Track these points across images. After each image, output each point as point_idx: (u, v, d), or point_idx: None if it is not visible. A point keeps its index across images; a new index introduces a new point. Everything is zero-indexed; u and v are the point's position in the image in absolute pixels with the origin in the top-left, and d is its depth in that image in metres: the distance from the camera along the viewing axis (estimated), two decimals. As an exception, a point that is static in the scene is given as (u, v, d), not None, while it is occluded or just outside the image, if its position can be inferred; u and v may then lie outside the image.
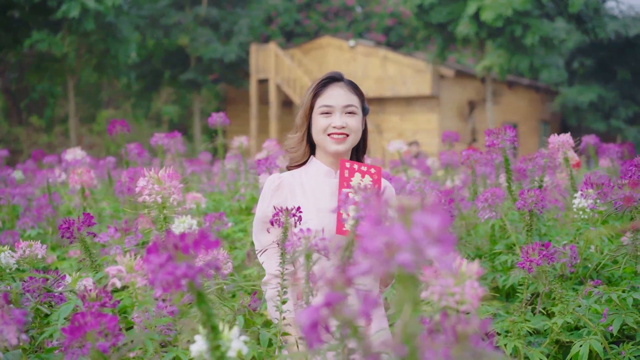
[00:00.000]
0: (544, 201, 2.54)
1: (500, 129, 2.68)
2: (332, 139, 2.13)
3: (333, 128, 2.12)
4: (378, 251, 0.90)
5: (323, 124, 2.13)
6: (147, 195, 1.76)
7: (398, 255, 0.88)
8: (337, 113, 2.13)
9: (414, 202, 0.93)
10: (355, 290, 0.95)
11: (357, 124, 2.15)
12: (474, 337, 1.05)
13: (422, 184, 3.25)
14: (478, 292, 1.35)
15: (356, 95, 2.19)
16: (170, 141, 4.14)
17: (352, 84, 2.21)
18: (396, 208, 0.91)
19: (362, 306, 0.93)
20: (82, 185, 3.47)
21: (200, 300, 1.15)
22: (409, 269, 0.89)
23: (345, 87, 2.18)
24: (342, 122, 2.12)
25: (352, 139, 2.15)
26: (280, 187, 2.14)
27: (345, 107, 2.14)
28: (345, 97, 2.15)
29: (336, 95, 2.15)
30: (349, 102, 2.15)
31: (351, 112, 2.15)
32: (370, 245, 0.90)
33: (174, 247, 1.11)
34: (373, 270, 0.92)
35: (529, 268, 2.21)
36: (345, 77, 2.24)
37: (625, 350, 2.18)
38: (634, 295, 2.22)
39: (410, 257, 0.88)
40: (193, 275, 1.10)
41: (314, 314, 0.92)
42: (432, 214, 0.91)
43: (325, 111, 2.14)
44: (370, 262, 0.90)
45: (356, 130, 2.15)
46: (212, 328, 1.17)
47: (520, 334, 2.41)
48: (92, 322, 1.38)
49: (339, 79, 2.19)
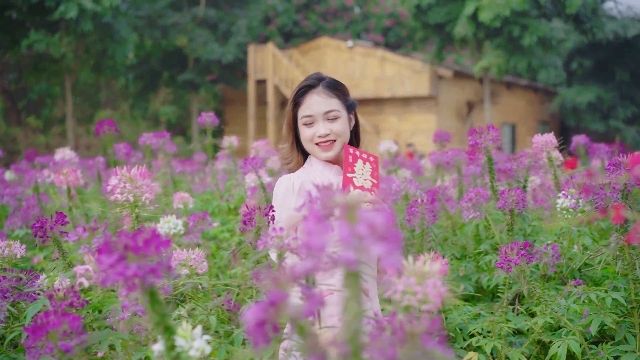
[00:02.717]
0: (524, 201, 2.53)
1: (483, 129, 2.67)
2: (320, 147, 2.12)
3: (318, 137, 2.10)
4: (322, 248, 0.89)
5: (308, 134, 2.12)
6: (119, 194, 1.76)
7: (341, 252, 0.88)
8: (319, 121, 2.10)
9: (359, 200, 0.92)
10: (302, 288, 0.94)
11: (341, 127, 2.12)
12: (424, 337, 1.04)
13: (408, 184, 3.24)
14: (441, 291, 1.34)
15: (336, 97, 2.14)
16: (158, 141, 4.13)
17: (330, 85, 2.15)
18: (341, 205, 0.91)
19: (307, 304, 0.92)
20: (68, 185, 3.46)
21: (152, 300, 1.14)
22: (353, 267, 0.88)
23: (323, 92, 2.12)
24: (326, 129, 2.09)
25: (340, 142, 2.13)
26: (302, 188, 2.09)
27: (326, 114, 2.10)
28: (324, 104, 2.11)
29: (315, 103, 2.11)
30: (328, 107, 2.11)
31: (333, 117, 2.11)
32: (314, 242, 0.89)
33: (125, 247, 1.10)
34: (316, 268, 0.91)
35: (508, 268, 2.20)
36: (324, 77, 2.18)
37: (603, 351, 2.17)
38: (613, 295, 2.21)
39: (354, 254, 0.88)
40: (144, 275, 1.09)
41: (259, 313, 0.91)
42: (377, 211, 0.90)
43: (307, 122, 2.12)
44: (314, 259, 0.90)
45: (342, 134, 2.12)
46: (166, 328, 1.16)
47: (500, 334, 2.40)
48: (55, 321, 1.37)
49: (316, 85, 2.14)
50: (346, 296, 0.91)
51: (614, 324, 2.21)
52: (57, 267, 1.85)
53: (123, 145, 4.33)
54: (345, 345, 0.89)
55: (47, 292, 1.60)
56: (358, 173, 1.97)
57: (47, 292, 1.59)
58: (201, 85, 21.00)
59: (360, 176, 1.97)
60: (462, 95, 20.68)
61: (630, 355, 2.13)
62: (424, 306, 1.34)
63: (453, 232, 3.39)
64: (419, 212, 2.73)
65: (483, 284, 2.94)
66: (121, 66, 18.31)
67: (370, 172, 2.00)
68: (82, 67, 17.72)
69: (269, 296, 0.92)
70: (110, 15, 16.06)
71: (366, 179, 1.97)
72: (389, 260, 0.89)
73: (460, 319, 2.55)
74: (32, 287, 1.90)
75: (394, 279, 1.34)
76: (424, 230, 2.75)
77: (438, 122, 19.38)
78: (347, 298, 0.91)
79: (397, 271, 1.31)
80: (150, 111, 22.87)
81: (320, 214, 0.92)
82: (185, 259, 1.86)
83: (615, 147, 4.67)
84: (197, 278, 2.01)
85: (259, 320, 0.91)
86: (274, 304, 0.92)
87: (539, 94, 24.47)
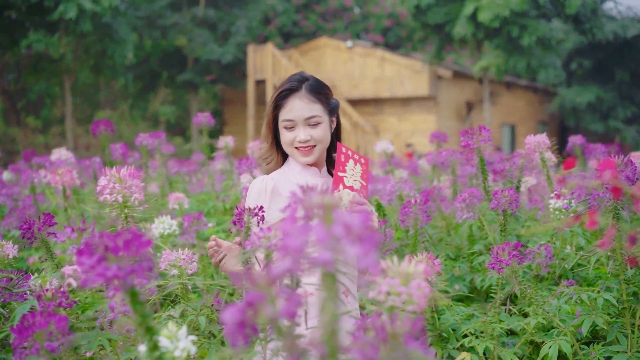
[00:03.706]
0: (517, 201, 2.54)
1: (475, 130, 2.67)
2: (300, 152, 2.11)
3: (298, 142, 2.09)
4: (298, 249, 0.89)
5: (288, 137, 2.10)
6: (108, 194, 1.76)
7: (318, 253, 0.88)
8: (300, 126, 2.09)
9: (336, 200, 0.92)
10: (281, 289, 0.94)
11: (322, 133, 2.10)
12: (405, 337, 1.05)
13: (402, 185, 3.24)
14: (425, 291, 1.34)
15: (318, 101, 2.11)
16: (154, 141, 4.13)
17: (313, 90, 2.11)
18: (318, 206, 0.91)
19: (286, 305, 0.92)
20: (63, 185, 3.46)
21: (134, 300, 1.14)
22: (329, 268, 0.89)
23: (305, 97, 2.10)
24: (306, 135, 2.08)
25: (320, 148, 2.12)
26: (275, 189, 2.10)
27: (307, 120, 2.09)
28: (306, 109, 2.09)
29: (296, 108, 2.09)
30: (310, 113, 2.09)
31: (315, 123, 2.10)
32: (291, 243, 0.89)
33: (105, 248, 1.10)
34: (294, 268, 0.91)
35: (499, 268, 2.20)
36: (308, 78, 2.15)
37: (595, 351, 2.17)
38: (605, 296, 2.21)
39: (330, 255, 0.88)
40: (124, 276, 1.09)
41: (237, 314, 0.91)
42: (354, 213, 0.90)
43: (288, 125, 2.10)
44: (291, 260, 0.90)
45: (322, 139, 2.11)
46: (148, 329, 1.16)
47: (493, 334, 2.40)
48: (41, 322, 1.37)
49: (298, 89, 2.11)
50: (323, 297, 0.91)
51: (605, 325, 2.21)
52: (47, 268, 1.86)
53: (119, 146, 4.34)
54: (322, 346, 0.89)
55: (36, 293, 1.60)
56: (349, 173, 1.97)
57: (36, 293, 1.59)
58: (200, 85, 21.01)
59: (350, 176, 1.97)
60: (461, 96, 20.68)
61: (622, 356, 2.13)
62: (408, 307, 1.34)
63: (448, 232, 3.39)
64: (412, 212, 2.73)
65: (477, 284, 2.94)
66: (120, 66, 18.31)
67: (361, 174, 2.00)
68: (81, 67, 17.72)
69: (247, 297, 0.92)
70: (110, 15, 16.06)
71: (356, 180, 1.98)
72: (366, 261, 0.89)
73: (453, 320, 2.55)
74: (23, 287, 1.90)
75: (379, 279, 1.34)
76: (417, 230, 2.75)
77: (437, 123, 19.38)
78: (325, 299, 0.91)
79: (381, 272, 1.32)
80: (150, 111, 22.89)
81: (298, 215, 0.92)
82: (174, 260, 1.87)
83: (612, 148, 4.67)
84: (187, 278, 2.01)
85: (236, 321, 0.91)
86: (252, 305, 0.92)
87: (539, 94, 24.47)
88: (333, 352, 0.89)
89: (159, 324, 1.69)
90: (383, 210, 3.02)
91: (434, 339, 2.55)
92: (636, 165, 2.16)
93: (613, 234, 1.15)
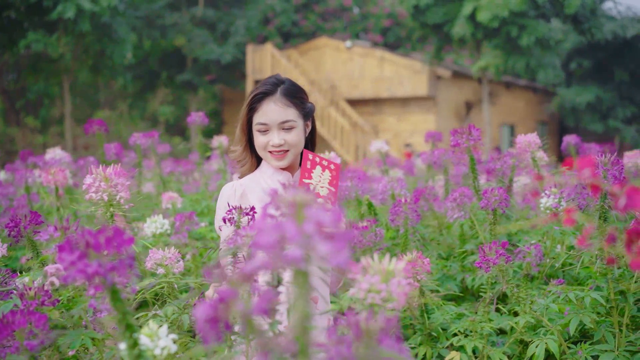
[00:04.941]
0: (507, 200, 2.54)
1: (465, 129, 2.67)
2: (273, 156, 2.10)
3: (272, 146, 2.09)
4: (270, 246, 0.89)
5: (262, 141, 2.10)
6: (94, 192, 1.76)
7: (288, 250, 0.88)
8: (274, 131, 2.09)
9: (308, 198, 0.92)
10: (253, 286, 0.94)
11: (296, 137, 2.10)
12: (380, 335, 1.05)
13: (394, 184, 3.24)
14: (405, 289, 1.34)
15: (293, 105, 2.11)
16: (147, 140, 4.13)
17: (288, 93, 2.11)
18: (289, 203, 0.91)
19: (258, 302, 0.92)
20: (55, 184, 3.46)
21: (114, 298, 1.15)
22: (299, 265, 0.89)
23: (279, 101, 2.09)
24: (280, 139, 2.08)
25: (293, 152, 2.12)
26: (244, 194, 2.11)
27: (281, 124, 2.09)
28: (280, 113, 2.08)
29: (271, 112, 2.08)
30: (284, 118, 2.08)
31: (288, 128, 2.09)
32: (263, 240, 0.89)
33: (86, 245, 1.10)
34: (266, 265, 0.91)
35: (487, 268, 2.20)
36: (284, 81, 2.14)
37: (582, 350, 2.17)
38: (592, 295, 2.21)
39: (301, 252, 0.88)
40: (104, 274, 1.09)
41: (209, 310, 0.91)
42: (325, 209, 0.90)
43: (261, 129, 2.10)
44: (263, 257, 0.90)
45: (296, 144, 2.11)
46: (127, 326, 1.16)
47: (482, 333, 2.40)
48: (21, 320, 1.38)
49: (273, 92, 2.11)
50: (295, 295, 0.91)
51: (593, 324, 2.21)
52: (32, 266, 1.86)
53: (114, 145, 4.34)
54: (292, 344, 0.89)
55: (18, 291, 1.61)
56: (315, 179, 1.97)
57: (18, 292, 1.59)
58: (200, 85, 21.01)
59: (317, 183, 1.97)
60: (460, 96, 20.68)
61: (609, 355, 2.13)
62: (388, 304, 1.34)
63: (440, 232, 3.39)
64: (403, 211, 2.73)
65: (468, 283, 2.95)
66: (119, 66, 18.31)
67: (329, 180, 2.00)
68: (80, 67, 17.72)
69: (218, 293, 0.92)
70: (109, 15, 16.06)
71: (323, 186, 1.98)
72: (337, 259, 0.89)
73: (443, 319, 2.55)
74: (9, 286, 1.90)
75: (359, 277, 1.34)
76: (407, 229, 2.75)
77: (437, 123, 19.38)
78: (296, 296, 0.91)
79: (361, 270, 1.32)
80: (149, 111, 22.89)
81: (269, 213, 0.93)
82: (160, 259, 1.87)
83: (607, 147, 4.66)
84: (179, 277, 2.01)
85: (208, 317, 0.92)
86: (224, 301, 0.92)
87: (538, 94, 24.46)
88: (304, 349, 0.89)
89: (143, 323, 1.69)
90: (374, 209, 3.02)
91: (423, 338, 2.55)
92: (623, 164, 2.16)
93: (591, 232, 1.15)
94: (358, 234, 2.70)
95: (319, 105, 18.37)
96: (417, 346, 2.54)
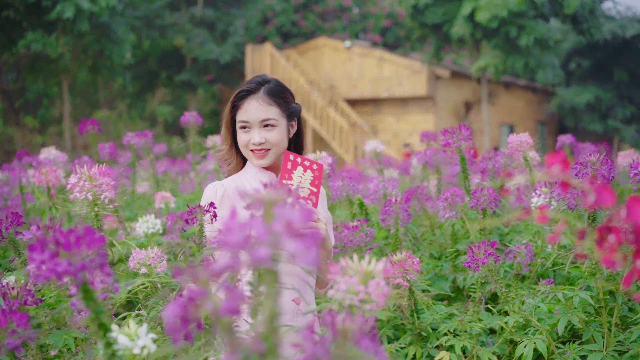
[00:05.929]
0: (497, 200, 2.53)
1: (455, 129, 2.67)
2: (254, 155, 2.11)
3: (253, 145, 2.09)
4: (238, 245, 0.89)
5: (244, 139, 2.11)
6: (78, 192, 1.76)
7: (256, 249, 0.88)
8: (255, 129, 2.09)
9: (277, 197, 0.92)
10: (222, 285, 0.94)
11: (277, 136, 2.10)
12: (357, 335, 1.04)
13: (386, 184, 3.24)
14: (384, 290, 1.34)
15: (276, 104, 2.11)
16: (140, 140, 4.13)
17: (271, 92, 2.11)
18: (258, 202, 0.91)
19: (227, 301, 0.92)
20: (47, 184, 3.46)
21: (86, 297, 1.14)
22: (266, 264, 0.88)
23: (262, 99, 2.10)
24: (261, 137, 2.08)
25: (275, 151, 2.11)
26: (225, 195, 2.11)
27: (262, 122, 2.09)
28: (261, 112, 2.09)
29: (252, 109, 2.09)
30: (265, 116, 2.09)
31: (270, 125, 2.09)
32: (230, 239, 0.89)
33: (56, 244, 1.10)
34: (233, 265, 0.91)
35: (475, 267, 2.20)
36: (269, 80, 2.14)
37: (570, 350, 2.17)
38: (581, 295, 2.20)
39: (267, 251, 0.87)
40: (75, 272, 1.09)
41: (177, 309, 0.91)
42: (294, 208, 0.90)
43: (243, 126, 2.11)
44: (231, 256, 0.90)
45: (277, 143, 2.10)
46: (101, 325, 1.16)
47: (471, 333, 2.40)
48: (2, 319, 1.37)
49: (256, 90, 2.11)
50: (263, 294, 0.91)
51: (581, 323, 2.20)
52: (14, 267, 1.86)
53: (108, 145, 4.34)
54: (260, 343, 0.88)
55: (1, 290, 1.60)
56: (295, 180, 1.96)
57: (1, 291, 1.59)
58: (199, 85, 21.01)
59: (297, 183, 1.96)
60: (460, 96, 20.67)
61: (597, 355, 2.12)
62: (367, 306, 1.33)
63: (432, 231, 3.38)
64: (393, 211, 2.73)
65: (459, 283, 2.94)
66: (118, 66, 18.31)
67: (311, 180, 1.99)
68: (79, 67, 17.72)
69: (187, 292, 0.92)
70: (107, 15, 16.06)
71: (303, 187, 1.97)
72: (306, 258, 0.89)
73: (433, 319, 2.55)
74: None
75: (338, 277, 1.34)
76: (398, 229, 2.74)
77: (436, 123, 19.37)
78: (264, 296, 0.90)
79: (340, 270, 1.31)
80: (148, 111, 22.89)
81: (238, 211, 0.92)
82: (143, 258, 1.86)
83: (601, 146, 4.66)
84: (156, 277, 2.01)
85: (177, 317, 0.91)
86: (193, 301, 0.91)
87: (538, 94, 24.45)
88: (272, 349, 0.88)
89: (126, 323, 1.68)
90: (365, 209, 3.02)
91: (413, 338, 2.55)
92: (612, 164, 2.16)
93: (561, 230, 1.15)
94: (348, 233, 2.69)
95: (318, 105, 18.38)
96: (407, 346, 2.54)
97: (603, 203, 1.03)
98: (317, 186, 2.00)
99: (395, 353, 2.45)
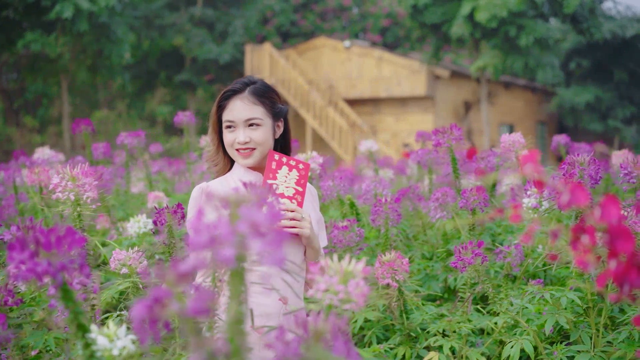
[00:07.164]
0: (486, 200, 2.52)
1: (446, 128, 2.66)
2: (240, 154, 2.11)
3: (237, 144, 2.09)
4: (203, 246, 0.88)
5: (229, 139, 2.11)
6: (60, 192, 1.75)
7: (221, 250, 0.87)
8: (239, 128, 2.09)
9: (243, 197, 0.91)
10: (190, 285, 0.93)
11: (262, 136, 2.10)
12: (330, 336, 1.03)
13: (377, 184, 3.23)
14: (364, 290, 1.33)
15: (261, 104, 2.11)
16: (133, 140, 4.13)
17: (256, 92, 2.12)
18: (224, 201, 0.90)
19: (194, 301, 0.91)
20: (39, 184, 3.46)
21: (65, 297, 1.14)
22: (231, 264, 0.88)
23: (247, 98, 2.10)
24: (245, 137, 2.08)
25: (260, 151, 2.11)
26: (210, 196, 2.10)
27: (247, 121, 2.09)
28: (246, 111, 2.09)
29: (237, 109, 2.09)
30: (250, 115, 2.09)
31: (254, 125, 2.09)
32: (196, 239, 0.88)
33: (36, 244, 1.09)
34: (200, 265, 0.90)
35: (462, 267, 2.19)
36: (255, 81, 2.15)
37: (557, 351, 2.16)
38: (568, 295, 2.19)
39: (233, 252, 0.87)
40: (54, 272, 1.08)
41: (144, 310, 0.90)
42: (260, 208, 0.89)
43: (228, 125, 2.11)
44: (197, 256, 0.89)
45: (262, 143, 2.10)
46: (79, 326, 1.15)
47: (460, 334, 2.39)
48: (-22, 319, 1.37)
49: (241, 90, 2.11)
50: (229, 295, 0.90)
51: (569, 324, 2.19)
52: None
53: (101, 145, 4.34)
54: (226, 345, 0.88)
55: (-19, 291, 1.59)
56: (280, 180, 1.96)
57: (-18, 291, 1.58)
58: (198, 85, 21.00)
59: (282, 183, 1.96)
60: (459, 96, 20.65)
61: (585, 355, 2.11)
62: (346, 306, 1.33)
63: (424, 231, 3.38)
64: (383, 211, 2.72)
65: (450, 283, 2.93)
66: (118, 66, 18.31)
67: (296, 180, 1.99)
68: (78, 67, 17.72)
69: (153, 293, 0.91)
70: (107, 15, 16.05)
71: (288, 187, 1.97)
72: (271, 259, 0.88)
73: (422, 319, 2.54)
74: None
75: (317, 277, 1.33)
76: (388, 229, 2.74)
77: (435, 123, 19.35)
78: (230, 297, 0.90)
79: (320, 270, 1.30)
80: (147, 111, 22.89)
81: (205, 212, 0.91)
82: (124, 259, 1.86)
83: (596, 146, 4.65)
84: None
85: (143, 317, 0.91)
86: (159, 301, 0.91)
87: (537, 94, 24.43)
88: (237, 350, 0.88)
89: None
90: (356, 209, 3.01)
91: (402, 338, 2.54)
92: (599, 164, 2.15)
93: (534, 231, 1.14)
94: (338, 233, 2.69)
95: (317, 105, 18.38)
96: (397, 346, 2.53)
97: (577, 203, 1.03)
98: (302, 185, 2.00)
99: (384, 353, 2.44)
